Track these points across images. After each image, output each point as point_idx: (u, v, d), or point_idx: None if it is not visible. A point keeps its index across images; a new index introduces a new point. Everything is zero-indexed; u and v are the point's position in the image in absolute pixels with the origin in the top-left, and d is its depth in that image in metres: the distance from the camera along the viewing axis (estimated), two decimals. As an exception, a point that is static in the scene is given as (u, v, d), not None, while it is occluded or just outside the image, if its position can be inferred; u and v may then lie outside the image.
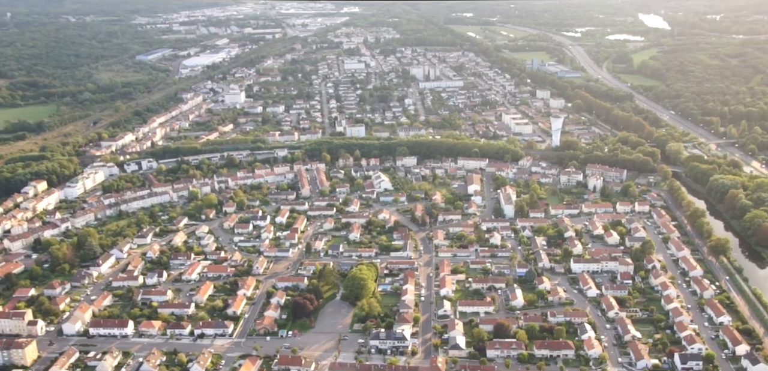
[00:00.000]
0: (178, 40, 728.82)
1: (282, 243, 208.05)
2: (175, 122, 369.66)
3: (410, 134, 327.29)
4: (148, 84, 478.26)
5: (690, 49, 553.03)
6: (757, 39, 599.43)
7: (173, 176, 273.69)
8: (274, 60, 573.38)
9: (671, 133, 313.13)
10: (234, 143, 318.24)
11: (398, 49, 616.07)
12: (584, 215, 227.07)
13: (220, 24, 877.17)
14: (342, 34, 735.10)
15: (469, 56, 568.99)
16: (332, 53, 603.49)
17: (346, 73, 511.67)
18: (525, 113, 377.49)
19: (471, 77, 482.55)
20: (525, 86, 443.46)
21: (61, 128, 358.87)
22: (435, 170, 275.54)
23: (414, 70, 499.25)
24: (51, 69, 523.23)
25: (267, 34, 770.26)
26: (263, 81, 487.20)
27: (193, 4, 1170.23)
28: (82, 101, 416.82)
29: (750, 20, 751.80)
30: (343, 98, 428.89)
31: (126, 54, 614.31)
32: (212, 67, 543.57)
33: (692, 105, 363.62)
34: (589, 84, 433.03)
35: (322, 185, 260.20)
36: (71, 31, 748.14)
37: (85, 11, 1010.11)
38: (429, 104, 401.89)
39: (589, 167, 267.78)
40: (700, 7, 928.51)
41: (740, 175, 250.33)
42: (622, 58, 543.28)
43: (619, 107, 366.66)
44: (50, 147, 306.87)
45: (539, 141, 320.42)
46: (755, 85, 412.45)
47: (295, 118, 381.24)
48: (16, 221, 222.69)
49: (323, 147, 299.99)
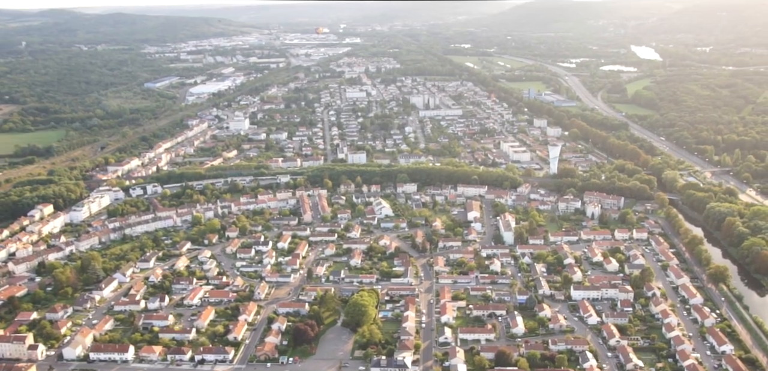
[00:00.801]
0: (186, 68, 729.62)
1: (284, 269, 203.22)
2: (180, 148, 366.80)
3: (411, 161, 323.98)
4: (155, 111, 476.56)
5: (682, 79, 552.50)
6: (746, 70, 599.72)
7: (177, 201, 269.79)
8: (278, 88, 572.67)
9: (667, 161, 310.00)
10: (238, 168, 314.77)
11: (398, 78, 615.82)
12: (583, 242, 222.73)
13: (226, 53, 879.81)
14: (344, 63, 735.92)
15: (467, 86, 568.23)
16: (334, 82, 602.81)
17: (348, 101, 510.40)
18: (523, 141, 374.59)
19: (470, 106, 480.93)
20: (522, 115, 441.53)
21: (70, 152, 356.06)
22: (435, 197, 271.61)
23: (414, 99, 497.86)
24: (62, 95, 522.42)
25: (271, 64, 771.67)
26: (267, 109, 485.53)
27: (201, 34, 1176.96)
28: (91, 127, 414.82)
29: (738, 53, 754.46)
30: (344, 125, 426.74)
31: (135, 81, 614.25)
32: (218, 95, 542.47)
33: (686, 134, 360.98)
34: (585, 113, 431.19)
35: (324, 210, 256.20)
36: (83, 59, 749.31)
37: (97, 41, 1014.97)
38: (429, 132, 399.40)
39: (587, 195, 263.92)
40: (689, 39, 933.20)
41: (736, 203, 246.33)
42: (616, 88, 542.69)
43: (615, 135, 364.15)
44: (58, 171, 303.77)
45: (537, 169, 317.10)
46: (746, 114, 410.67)
47: (298, 145, 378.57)
48: (22, 244, 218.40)
49: (325, 173, 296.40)
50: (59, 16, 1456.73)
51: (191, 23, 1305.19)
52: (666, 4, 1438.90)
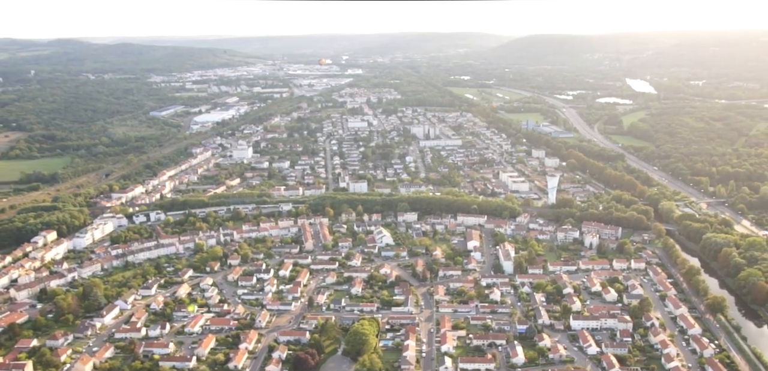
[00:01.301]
0: (191, 97, 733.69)
1: (285, 297, 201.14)
2: (184, 176, 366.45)
3: (411, 190, 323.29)
4: (159, 139, 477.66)
5: (676, 112, 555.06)
6: (738, 104, 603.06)
7: (180, 228, 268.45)
8: (281, 118, 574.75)
9: (663, 192, 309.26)
10: (240, 196, 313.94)
11: (399, 109, 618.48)
12: (582, 272, 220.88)
13: (231, 83, 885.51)
14: (346, 94, 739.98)
15: (467, 117, 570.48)
16: (336, 112, 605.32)
17: (350, 131, 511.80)
18: (521, 171, 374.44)
19: (469, 136, 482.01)
20: (521, 146, 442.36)
21: (75, 179, 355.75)
22: (435, 226, 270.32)
23: (414, 129, 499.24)
24: (68, 123, 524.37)
25: (275, 93, 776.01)
26: (270, 137, 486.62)
27: (206, 65, 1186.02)
28: (96, 154, 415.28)
29: (730, 86, 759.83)
30: (346, 154, 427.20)
31: (140, 110, 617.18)
32: (222, 124, 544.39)
33: (681, 165, 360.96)
34: (582, 144, 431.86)
35: (325, 239, 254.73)
36: (90, 87, 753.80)
37: (105, 70, 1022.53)
38: (429, 162, 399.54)
39: (585, 225, 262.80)
40: (683, 73, 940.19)
41: (732, 234, 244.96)
42: (612, 119, 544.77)
43: (612, 166, 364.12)
44: (62, 198, 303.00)
45: (536, 199, 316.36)
46: (740, 147, 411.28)
47: (300, 173, 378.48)
48: (24, 270, 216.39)
49: (327, 202, 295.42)
50: (68, 46, 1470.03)
51: (197, 54, 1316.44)
52: (660, 38, 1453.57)
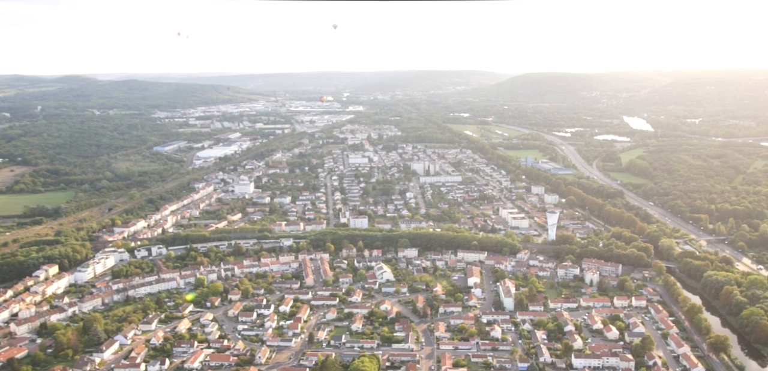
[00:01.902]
0: (194, 133, 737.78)
1: (285, 332, 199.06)
2: (186, 210, 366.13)
3: (411, 226, 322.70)
4: (162, 174, 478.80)
5: (674, 149, 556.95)
6: (735, 142, 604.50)
7: (181, 263, 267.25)
8: (282, 153, 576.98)
9: (662, 229, 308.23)
10: (242, 231, 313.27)
11: (400, 145, 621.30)
12: (583, 309, 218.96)
13: (234, 119, 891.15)
14: (347, 130, 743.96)
15: (466, 153, 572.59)
16: (338, 148, 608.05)
17: (351, 167, 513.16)
18: (521, 207, 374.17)
19: (469, 173, 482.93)
20: (520, 182, 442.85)
21: (78, 213, 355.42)
22: (436, 262, 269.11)
23: (415, 166, 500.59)
24: (73, 158, 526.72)
25: (277, 129, 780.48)
26: (272, 173, 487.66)
27: (210, 101, 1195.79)
28: (100, 189, 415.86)
29: (727, 124, 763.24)
30: (347, 190, 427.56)
31: (144, 145, 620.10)
32: (224, 159, 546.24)
33: (680, 202, 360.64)
34: (581, 181, 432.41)
35: (326, 274, 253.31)
36: (95, 123, 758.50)
37: (110, 106, 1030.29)
38: (429, 198, 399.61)
39: (585, 262, 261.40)
40: (680, 111, 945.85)
41: (733, 271, 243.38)
42: (610, 157, 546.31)
43: (611, 203, 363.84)
44: (65, 232, 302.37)
45: (536, 235, 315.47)
46: (738, 184, 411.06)
47: (301, 209, 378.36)
48: (25, 304, 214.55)
49: (327, 237, 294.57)
50: (75, 82, 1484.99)
51: (201, 90, 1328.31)
52: (656, 77, 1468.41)
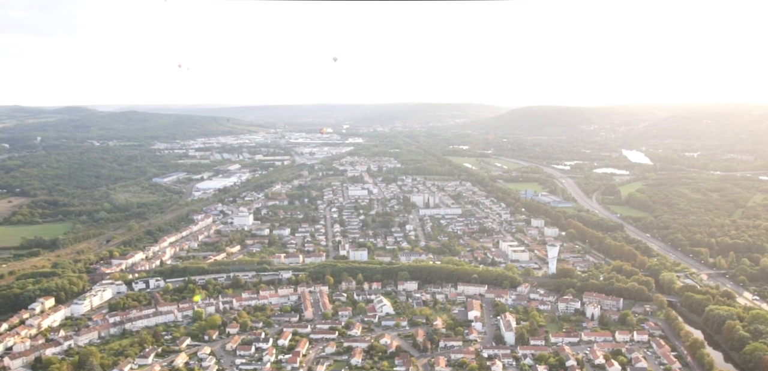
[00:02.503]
0: (193, 164, 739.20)
1: (283, 367, 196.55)
2: (184, 242, 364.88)
3: (411, 259, 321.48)
4: (161, 205, 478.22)
5: (673, 183, 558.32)
6: (734, 175, 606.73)
7: (179, 296, 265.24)
8: (282, 185, 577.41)
9: (663, 262, 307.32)
10: (240, 263, 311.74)
11: (399, 177, 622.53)
12: (584, 344, 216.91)
13: (233, 150, 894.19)
14: (346, 162, 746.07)
15: (466, 185, 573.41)
16: (337, 180, 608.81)
17: (350, 199, 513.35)
18: (521, 240, 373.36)
19: (468, 205, 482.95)
20: (520, 215, 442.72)
21: (75, 245, 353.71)
22: (436, 295, 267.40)
23: (414, 198, 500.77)
24: (72, 189, 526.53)
25: (276, 161, 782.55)
26: (271, 205, 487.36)
27: (209, 132, 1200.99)
28: (98, 220, 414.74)
29: (725, 158, 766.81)
30: (346, 222, 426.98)
31: (143, 176, 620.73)
32: (223, 191, 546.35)
33: (680, 236, 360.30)
34: (581, 214, 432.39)
35: (325, 307, 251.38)
36: (94, 154, 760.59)
37: (110, 137, 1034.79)
38: (429, 230, 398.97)
39: (586, 295, 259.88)
40: (678, 145, 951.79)
41: (735, 306, 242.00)
42: (610, 190, 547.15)
43: (611, 236, 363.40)
44: (62, 264, 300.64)
45: (536, 268, 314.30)
46: (737, 218, 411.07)
47: (300, 241, 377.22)
48: (20, 338, 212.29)
49: (327, 270, 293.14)
50: (75, 113, 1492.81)
51: (200, 122, 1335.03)
52: (654, 111, 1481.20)
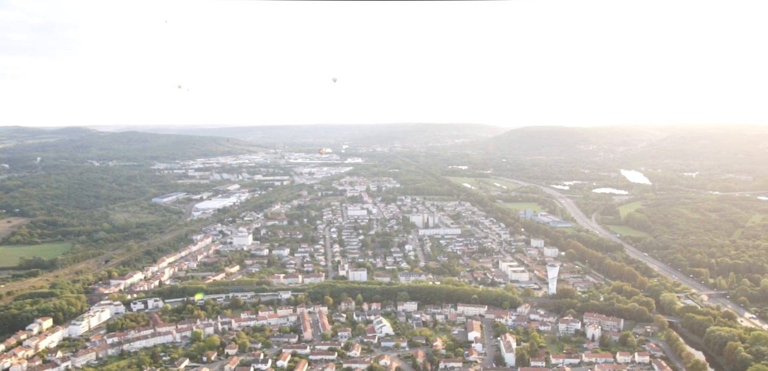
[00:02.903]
0: (193, 184, 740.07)
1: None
2: (183, 263, 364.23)
3: (411, 279, 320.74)
4: (160, 225, 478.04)
5: (672, 203, 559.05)
6: (733, 195, 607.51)
7: (178, 316, 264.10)
8: (281, 205, 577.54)
9: (663, 283, 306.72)
10: (239, 284, 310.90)
11: (399, 197, 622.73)
12: (585, 365, 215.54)
13: (233, 171, 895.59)
14: (346, 182, 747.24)
15: (465, 206, 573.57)
16: (336, 200, 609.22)
17: (349, 219, 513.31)
18: (521, 260, 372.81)
19: (468, 225, 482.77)
20: (519, 235, 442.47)
21: (74, 265, 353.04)
22: (435, 316, 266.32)
23: (414, 218, 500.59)
24: (71, 209, 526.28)
25: (276, 181, 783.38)
26: (270, 225, 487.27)
27: (209, 152, 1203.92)
28: (97, 240, 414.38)
29: (723, 178, 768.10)
30: (346, 242, 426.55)
31: (143, 196, 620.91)
32: (223, 211, 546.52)
33: (680, 256, 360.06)
34: (580, 234, 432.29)
35: (325, 328, 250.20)
36: (94, 174, 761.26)
37: (109, 157, 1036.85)
38: (428, 250, 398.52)
39: (586, 316, 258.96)
40: (676, 165, 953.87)
41: (736, 327, 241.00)
42: (609, 210, 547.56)
43: (611, 256, 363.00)
44: (60, 284, 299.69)
45: (536, 288, 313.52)
46: (737, 238, 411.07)
47: (300, 261, 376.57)
48: (16, 359, 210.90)
49: (326, 290, 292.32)
50: (75, 134, 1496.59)
51: (200, 142, 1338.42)
52: (651, 131, 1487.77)
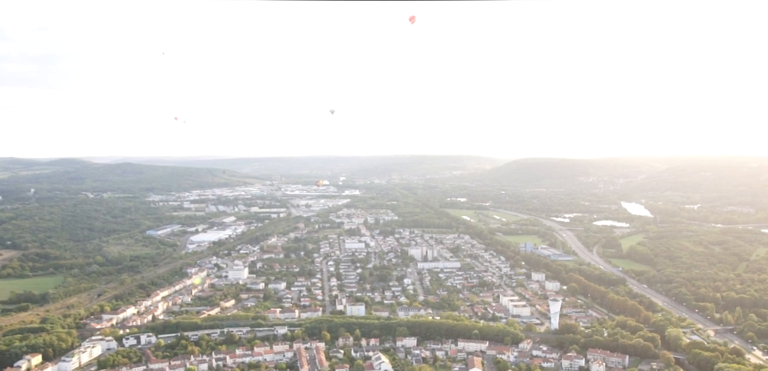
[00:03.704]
0: (188, 216, 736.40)
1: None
2: (177, 297, 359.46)
3: (410, 314, 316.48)
4: (155, 258, 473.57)
5: (674, 235, 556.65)
6: (735, 228, 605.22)
7: (171, 352, 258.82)
8: (278, 238, 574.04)
9: (668, 318, 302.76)
10: (235, 319, 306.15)
11: (397, 230, 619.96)
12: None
13: (229, 203, 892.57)
14: (343, 214, 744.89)
15: (464, 238, 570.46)
16: (334, 233, 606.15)
17: (347, 252, 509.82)
18: (522, 295, 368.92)
19: (467, 259, 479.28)
20: (520, 269, 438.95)
21: (66, 299, 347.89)
22: (435, 352, 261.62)
23: (412, 251, 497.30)
24: (64, 242, 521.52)
25: (272, 213, 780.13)
26: (267, 258, 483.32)
27: (205, 184, 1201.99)
28: (89, 273, 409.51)
29: (725, 211, 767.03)
30: (343, 276, 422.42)
31: (137, 229, 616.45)
32: (218, 244, 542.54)
33: (684, 290, 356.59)
34: (582, 267, 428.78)
35: (322, 365, 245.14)
36: (88, 206, 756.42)
37: (104, 188, 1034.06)
38: (427, 284, 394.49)
39: (590, 352, 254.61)
40: (677, 197, 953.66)
41: (744, 364, 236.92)
42: (610, 243, 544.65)
43: (614, 290, 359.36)
44: (51, 319, 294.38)
45: (538, 324, 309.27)
46: (742, 272, 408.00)
47: (297, 295, 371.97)
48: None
49: (323, 326, 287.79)
50: (70, 165, 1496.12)
51: (196, 173, 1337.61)
52: (651, 163, 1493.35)
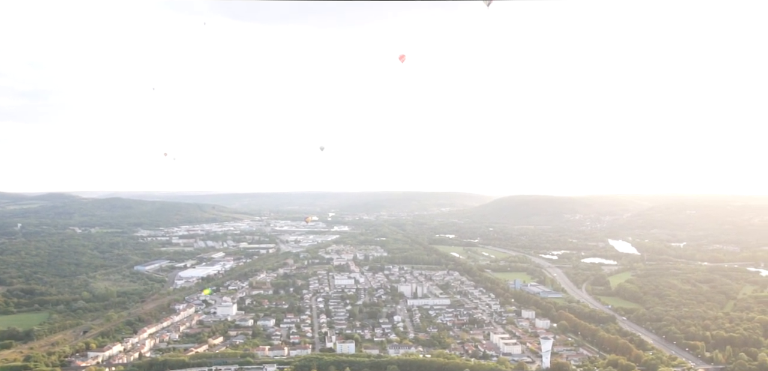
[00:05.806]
0: (176, 252, 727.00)
1: None
2: (165, 333, 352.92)
3: (400, 352, 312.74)
4: (142, 294, 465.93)
5: (662, 273, 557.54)
6: (722, 266, 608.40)
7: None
8: (266, 274, 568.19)
9: (659, 357, 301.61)
10: (223, 356, 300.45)
11: (386, 266, 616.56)
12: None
13: (218, 238, 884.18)
14: (332, 250, 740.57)
15: (454, 275, 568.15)
16: (323, 269, 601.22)
17: (336, 288, 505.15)
18: (512, 332, 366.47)
19: (457, 296, 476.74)
20: (510, 306, 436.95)
21: (50, 336, 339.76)
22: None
23: (402, 288, 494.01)
24: (50, 277, 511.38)
25: (261, 249, 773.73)
26: (256, 294, 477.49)
27: (194, 219, 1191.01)
28: (76, 309, 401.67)
29: (711, 249, 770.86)
30: (333, 312, 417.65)
31: (125, 264, 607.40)
32: (207, 279, 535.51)
33: (674, 328, 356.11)
34: (572, 305, 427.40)
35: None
36: (75, 241, 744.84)
37: (92, 223, 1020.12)
38: (417, 321, 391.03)
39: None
40: (663, 235, 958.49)
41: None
42: (599, 280, 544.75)
43: (604, 328, 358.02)
44: (35, 357, 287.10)
45: (529, 362, 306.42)
46: (730, 310, 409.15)
47: (286, 332, 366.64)
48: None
49: (313, 363, 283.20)
50: (58, 200, 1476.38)
51: (185, 209, 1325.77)
52: (637, 200, 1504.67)
